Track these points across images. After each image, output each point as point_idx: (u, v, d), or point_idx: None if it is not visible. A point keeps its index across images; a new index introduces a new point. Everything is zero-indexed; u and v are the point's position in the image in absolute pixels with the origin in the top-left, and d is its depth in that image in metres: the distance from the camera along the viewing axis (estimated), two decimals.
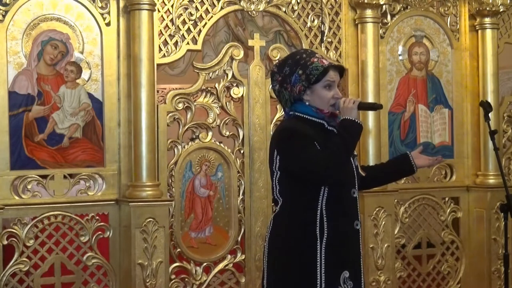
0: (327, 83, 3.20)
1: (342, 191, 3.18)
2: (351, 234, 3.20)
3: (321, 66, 3.18)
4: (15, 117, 4.54)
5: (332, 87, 3.22)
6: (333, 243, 3.13)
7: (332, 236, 3.13)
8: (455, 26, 5.81)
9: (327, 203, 3.14)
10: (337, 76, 3.24)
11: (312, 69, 3.17)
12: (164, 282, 4.74)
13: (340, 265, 3.15)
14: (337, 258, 3.13)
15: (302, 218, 3.16)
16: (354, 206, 3.23)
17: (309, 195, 3.15)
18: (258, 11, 5.20)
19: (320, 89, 3.20)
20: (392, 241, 5.42)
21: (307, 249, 3.13)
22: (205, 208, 5.11)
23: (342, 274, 3.14)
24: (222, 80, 5.11)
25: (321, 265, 3.11)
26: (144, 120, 4.71)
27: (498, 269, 5.69)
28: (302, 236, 3.15)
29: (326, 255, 3.11)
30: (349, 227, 3.19)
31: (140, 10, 4.70)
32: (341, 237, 3.15)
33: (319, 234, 3.12)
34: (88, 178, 4.74)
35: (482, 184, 5.76)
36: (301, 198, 3.18)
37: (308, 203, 3.15)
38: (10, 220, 4.59)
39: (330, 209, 3.14)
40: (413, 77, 5.67)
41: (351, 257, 3.19)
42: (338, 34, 5.43)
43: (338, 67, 3.28)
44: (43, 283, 4.66)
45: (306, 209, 3.15)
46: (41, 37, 4.61)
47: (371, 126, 5.34)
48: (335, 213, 3.15)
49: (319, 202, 3.14)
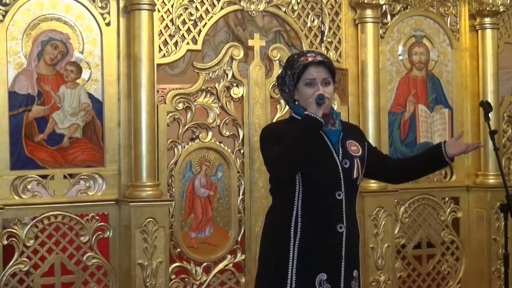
0: (307, 81, 3.14)
1: (323, 193, 3.13)
2: (332, 237, 3.13)
3: (301, 64, 3.14)
4: (15, 117, 4.54)
5: (313, 84, 3.13)
6: (308, 245, 3.10)
7: (307, 237, 3.10)
8: (455, 26, 5.81)
9: (303, 204, 3.12)
10: (321, 73, 3.14)
11: (296, 68, 3.16)
12: (164, 282, 4.74)
13: (316, 267, 3.11)
14: (313, 260, 3.10)
15: (280, 217, 3.18)
16: (339, 208, 3.14)
17: (287, 195, 3.15)
18: (258, 11, 5.20)
19: (302, 87, 3.15)
20: (392, 241, 5.42)
21: (281, 249, 3.13)
22: (205, 208, 5.11)
23: (318, 276, 3.10)
24: (222, 80, 5.11)
25: (292, 265, 3.10)
26: (144, 120, 4.71)
27: (498, 269, 5.69)
28: (278, 235, 3.17)
29: (299, 256, 3.09)
30: (329, 230, 3.13)
31: (140, 10, 4.70)
32: (319, 239, 3.11)
33: (293, 235, 3.11)
34: (88, 178, 4.74)
35: (482, 184, 5.76)
36: (281, 198, 3.21)
37: (286, 203, 3.15)
38: (10, 220, 4.58)
39: (307, 211, 3.12)
40: (413, 77, 5.67)
41: (329, 260, 3.13)
42: (338, 34, 5.43)
43: (323, 63, 3.16)
44: (43, 283, 4.66)
45: (284, 209, 3.16)
46: (41, 37, 4.61)
47: (371, 126, 5.34)
48: (312, 215, 3.12)
49: (295, 203, 3.13)
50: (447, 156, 3.29)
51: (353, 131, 3.35)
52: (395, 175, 3.44)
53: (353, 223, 3.21)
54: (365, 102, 5.36)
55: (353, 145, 3.24)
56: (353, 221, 3.21)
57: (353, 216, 3.22)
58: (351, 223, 3.18)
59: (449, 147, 3.30)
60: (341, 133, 3.22)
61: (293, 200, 3.13)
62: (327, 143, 3.17)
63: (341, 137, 3.21)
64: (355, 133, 3.33)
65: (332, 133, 3.19)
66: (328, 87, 3.15)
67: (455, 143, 3.34)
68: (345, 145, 3.20)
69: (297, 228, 3.11)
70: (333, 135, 3.19)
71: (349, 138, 3.25)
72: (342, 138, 3.21)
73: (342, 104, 5.42)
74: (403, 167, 3.43)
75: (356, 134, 3.32)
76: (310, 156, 3.07)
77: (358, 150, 3.24)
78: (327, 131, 3.18)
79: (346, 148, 3.20)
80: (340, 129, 3.22)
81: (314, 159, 3.11)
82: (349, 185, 3.17)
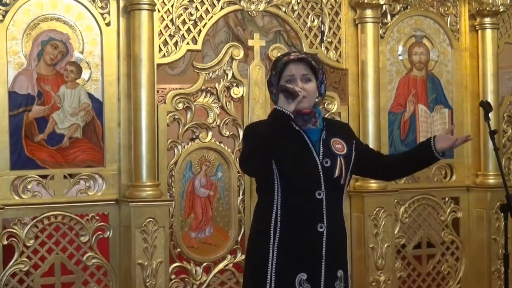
0: (287, 78, 3.11)
1: (302, 192, 3.10)
2: (311, 237, 3.10)
3: (282, 63, 3.12)
4: (15, 117, 4.54)
5: (293, 81, 3.10)
6: (287, 244, 3.09)
7: (286, 237, 3.09)
8: (455, 26, 5.82)
9: (283, 204, 3.10)
10: (300, 69, 3.10)
11: (278, 67, 3.14)
12: (164, 282, 4.73)
13: (295, 267, 3.09)
14: (292, 259, 3.09)
15: (261, 217, 3.19)
16: (319, 208, 3.10)
17: (267, 194, 3.14)
18: (258, 11, 5.20)
19: (283, 84, 3.11)
20: (392, 241, 5.42)
21: (261, 248, 3.13)
22: (205, 208, 5.11)
23: (298, 276, 3.09)
24: (222, 80, 5.11)
25: (272, 265, 3.09)
26: (144, 120, 4.71)
27: (498, 269, 5.69)
28: (258, 235, 3.18)
29: (278, 255, 3.08)
30: (309, 230, 3.10)
31: (140, 10, 4.70)
32: (298, 239, 3.09)
33: (272, 234, 3.10)
34: (88, 178, 4.74)
35: (482, 184, 5.76)
36: (262, 197, 3.22)
37: (267, 202, 3.15)
38: (10, 220, 4.58)
39: (287, 210, 3.10)
40: (413, 77, 5.67)
41: (310, 260, 3.10)
42: (338, 34, 5.43)
43: (303, 60, 3.12)
44: (43, 283, 4.66)
45: (265, 209, 3.16)
46: (41, 37, 4.61)
47: (371, 126, 5.34)
48: (292, 214, 3.10)
49: (275, 202, 3.11)
50: (436, 150, 3.22)
51: (339, 129, 3.30)
52: (388, 171, 3.38)
53: (336, 223, 3.17)
54: (365, 102, 5.36)
55: (338, 144, 3.19)
56: (335, 221, 3.16)
57: (336, 215, 3.17)
58: (333, 223, 3.13)
59: (439, 141, 3.24)
60: (323, 131, 3.18)
61: (272, 200, 3.12)
62: (306, 142, 3.14)
63: (324, 135, 3.17)
64: (342, 131, 3.28)
65: (312, 131, 3.16)
66: (308, 83, 3.11)
67: (445, 137, 3.27)
68: (328, 143, 3.16)
69: (276, 227, 3.10)
70: (313, 134, 3.16)
71: (334, 136, 3.20)
72: (325, 137, 3.17)
73: (342, 104, 5.42)
74: (395, 163, 3.39)
75: (342, 132, 3.27)
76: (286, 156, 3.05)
77: (343, 149, 3.19)
78: (307, 130, 3.15)
79: (329, 146, 3.15)
80: (321, 127, 3.18)
81: (292, 158, 3.09)
82: (331, 184, 3.13)
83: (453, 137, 3.28)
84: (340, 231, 3.20)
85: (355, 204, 5.37)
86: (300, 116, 3.12)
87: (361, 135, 5.35)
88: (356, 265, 5.39)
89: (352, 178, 3.32)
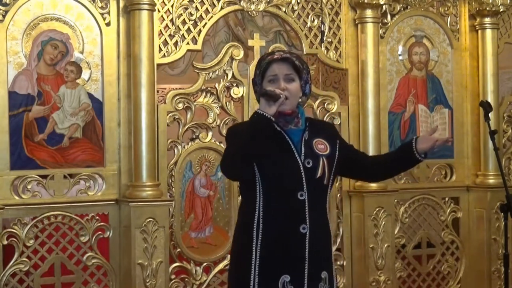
0: (270, 78, 3.09)
1: (283, 193, 3.07)
2: (294, 238, 3.07)
3: (266, 62, 3.10)
4: (15, 117, 4.53)
5: (276, 81, 3.08)
6: (270, 246, 3.06)
7: (269, 239, 3.06)
8: (455, 26, 5.81)
9: (265, 205, 3.07)
10: (283, 69, 3.07)
11: (261, 67, 3.12)
12: (164, 282, 4.73)
13: (278, 269, 3.07)
14: (275, 261, 3.06)
15: (244, 218, 3.16)
16: (301, 209, 3.07)
17: (250, 196, 3.12)
18: (258, 11, 5.19)
19: (266, 84, 3.10)
20: (392, 241, 5.42)
21: (244, 250, 3.10)
22: (205, 208, 5.11)
23: (281, 278, 3.06)
24: (222, 80, 5.11)
25: (255, 267, 3.06)
26: (144, 120, 4.71)
27: (498, 269, 5.69)
28: (241, 237, 3.16)
29: (261, 257, 3.06)
30: (292, 231, 3.07)
31: (140, 10, 4.70)
32: (281, 240, 3.06)
33: (255, 236, 3.07)
34: (88, 178, 4.74)
35: (482, 184, 5.76)
36: (245, 199, 3.20)
37: (249, 204, 3.12)
38: (10, 220, 4.59)
39: (269, 212, 3.07)
40: (413, 77, 5.67)
41: (293, 261, 3.08)
42: (338, 34, 5.43)
43: (286, 59, 3.08)
44: (43, 283, 4.66)
45: (247, 210, 3.13)
46: (41, 37, 4.61)
47: (371, 126, 5.34)
48: (274, 216, 3.07)
49: (257, 204, 3.08)
50: (417, 152, 3.16)
51: (323, 129, 3.26)
52: (371, 172, 3.33)
53: (319, 224, 3.13)
54: (365, 102, 5.36)
55: (321, 144, 3.16)
56: (319, 222, 3.13)
57: (319, 216, 3.14)
58: (316, 224, 3.10)
59: (421, 142, 3.18)
60: (305, 132, 3.15)
61: (254, 201, 3.09)
62: (288, 142, 3.11)
63: (306, 136, 3.15)
64: (325, 131, 3.25)
65: (294, 132, 3.13)
66: (291, 83, 3.08)
67: (426, 138, 3.20)
68: (310, 144, 3.13)
69: (259, 229, 3.07)
70: (294, 135, 3.13)
71: (317, 136, 3.17)
72: (307, 137, 3.15)
73: (342, 104, 5.42)
74: (379, 165, 3.34)
75: (326, 132, 3.24)
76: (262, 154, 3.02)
77: (326, 149, 3.16)
78: (289, 130, 3.12)
79: (311, 147, 3.13)
80: (302, 128, 3.16)
81: (273, 159, 3.06)
82: (313, 185, 3.10)
83: (433, 138, 3.21)
84: (324, 232, 3.17)
85: (355, 204, 5.37)
86: (282, 116, 3.09)
87: (361, 135, 5.35)
88: (356, 265, 5.39)
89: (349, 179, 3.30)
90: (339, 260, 5.37)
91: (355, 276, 5.39)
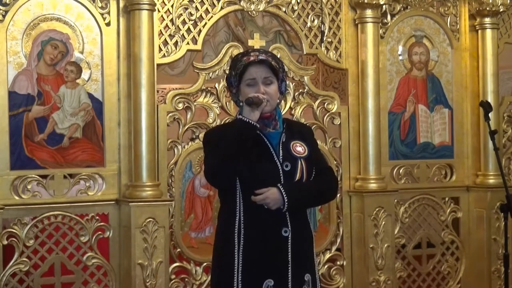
0: (248, 81, 3.07)
1: None
2: (276, 242, 3.06)
3: (242, 64, 3.07)
4: (15, 117, 4.53)
5: (254, 85, 3.06)
6: (253, 251, 3.04)
7: (251, 244, 3.05)
8: (455, 26, 5.81)
9: (246, 210, 3.06)
10: (261, 72, 3.06)
11: (237, 69, 3.09)
12: (164, 282, 4.74)
13: (262, 273, 3.05)
14: (258, 266, 3.05)
15: (224, 224, 3.13)
16: (282, 213, 3.05)
17: (229, 201, 3.10)
18: (258, 11, 5.19)
19: (244, 88, 3.08)
20: (392, 241, 5.42)
21: (226, 257, 3.08)
22: (205, 208, 5.11)
23: (265, 282, 3.05)
24: (222, 80, 5.11)
25: (238, 273, 3.04)
26: (144, 120, 4.71)
27: (498, 269, 5.69)
28: (222, 243, 3.13)
29: (244, 263, 3.04)
30: (274, 235, 3.06)
31: (140, 10, 4.70)
32: (263, 245, 3.05)
33: (237, 242, 3.05)
34: (88, 178, 4.74)
35: (482, 184, 5.76)
36: (225, 204, 3.18)
37: (229, 209, 3.10)
38: (10, 220, 4.58)
39: (250, 216, 3.06)
40: (413, 77, 5.67)
41: (276, 265, 3.06)
42: (338, 34, 5.42)
43: (264, 62, 3.07)
44: (43, 283, 4.66)
45: (228, 216, 3.11)
46: (41, 37, 4.61)
47: (371, 126, 5.34)
48: (255, 220, 3.05)
49: (237, 209, 3.07)
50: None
51: (299, 130, 3.24)
52: None
53: (301, 226, 3.12)
54: (365, 102, 5.36)
55: (299, 146, 3.15)
56: (300, 224, 3.12)
57: (300, 218, 3.13)
58: (297, 227, 3.10)
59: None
60: (283, 134, 3.14)
61: (235, 206, 3.07)
62: (267, 146, 3.10)
63: (284, 138, 3.14)
64: (301, 133, 3.23)
65: (272, 135, 3.12)
66: (270, 86, 3.08)
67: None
68: (288, 146, 3.12)
69: (240, 234, 3.05)
70: (273, 138, 3.12)
71: (294, 138, 3.16)
72: (284, 139, 3.13)
73: (342, 104, 5.42)
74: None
75: (302, 134, 3.22)
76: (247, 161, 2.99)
77: (304, 151, 3.15)
78: (267, 133, 3.11)
79: (288, 149, 3.11)
80: (280, 130, 3.14)
81: (253, 163, 3.04)
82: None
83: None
84: (305, 234, 3.16)
85: (355, 204, 5.37)
86: (261, 120, 3.07)
87: (361, 135, 5.35)
88: (356, 265, 5.39)
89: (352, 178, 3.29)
90: (339, 260, 5.37)
91: (355, 276, 5.39)
